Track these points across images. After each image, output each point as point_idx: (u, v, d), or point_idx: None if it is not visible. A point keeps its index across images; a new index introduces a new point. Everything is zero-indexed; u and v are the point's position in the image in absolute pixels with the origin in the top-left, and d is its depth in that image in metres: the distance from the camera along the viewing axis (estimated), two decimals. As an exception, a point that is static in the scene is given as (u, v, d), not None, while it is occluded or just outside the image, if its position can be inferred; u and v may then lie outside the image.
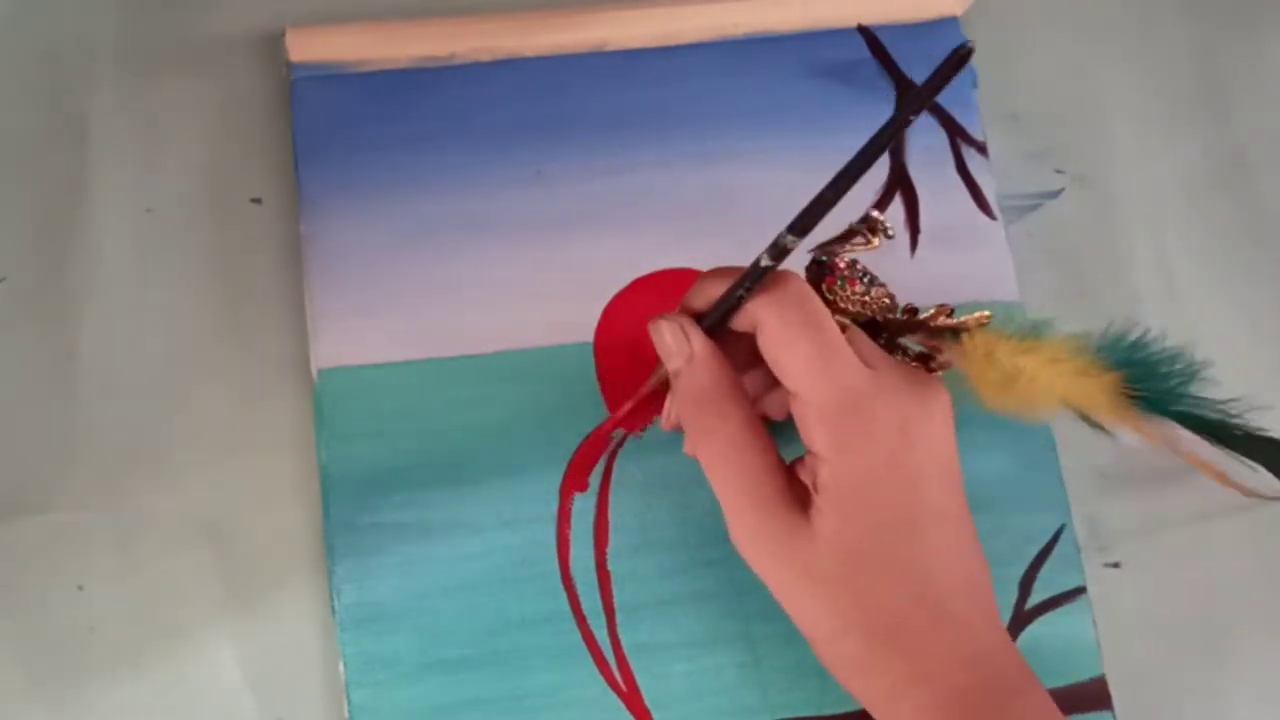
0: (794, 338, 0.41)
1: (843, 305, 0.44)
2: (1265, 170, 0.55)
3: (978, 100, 0.53)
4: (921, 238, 0.52)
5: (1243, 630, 0.50)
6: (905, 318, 0.45)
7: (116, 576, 0.47)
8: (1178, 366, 0.44)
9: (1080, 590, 0.49)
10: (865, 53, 0.53)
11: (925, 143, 0.53)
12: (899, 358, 0.45)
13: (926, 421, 0.42)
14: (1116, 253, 0.53)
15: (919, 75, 0.53)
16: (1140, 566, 0.50)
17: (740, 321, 0.42)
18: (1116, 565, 0.50)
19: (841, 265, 0.44)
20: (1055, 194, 0.54)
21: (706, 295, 0.43)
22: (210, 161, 0.51)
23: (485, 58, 0.52)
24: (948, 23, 0.54)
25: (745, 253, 0.43)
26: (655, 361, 0.47)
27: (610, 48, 0.52)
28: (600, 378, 0.49)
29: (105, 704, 0.46)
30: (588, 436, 0.48)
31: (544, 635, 0.46)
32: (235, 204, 0.50)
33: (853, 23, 0.53)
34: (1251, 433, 0.46)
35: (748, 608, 0.47)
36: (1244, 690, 0.49)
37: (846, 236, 0.44)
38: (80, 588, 0.46)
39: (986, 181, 0.52)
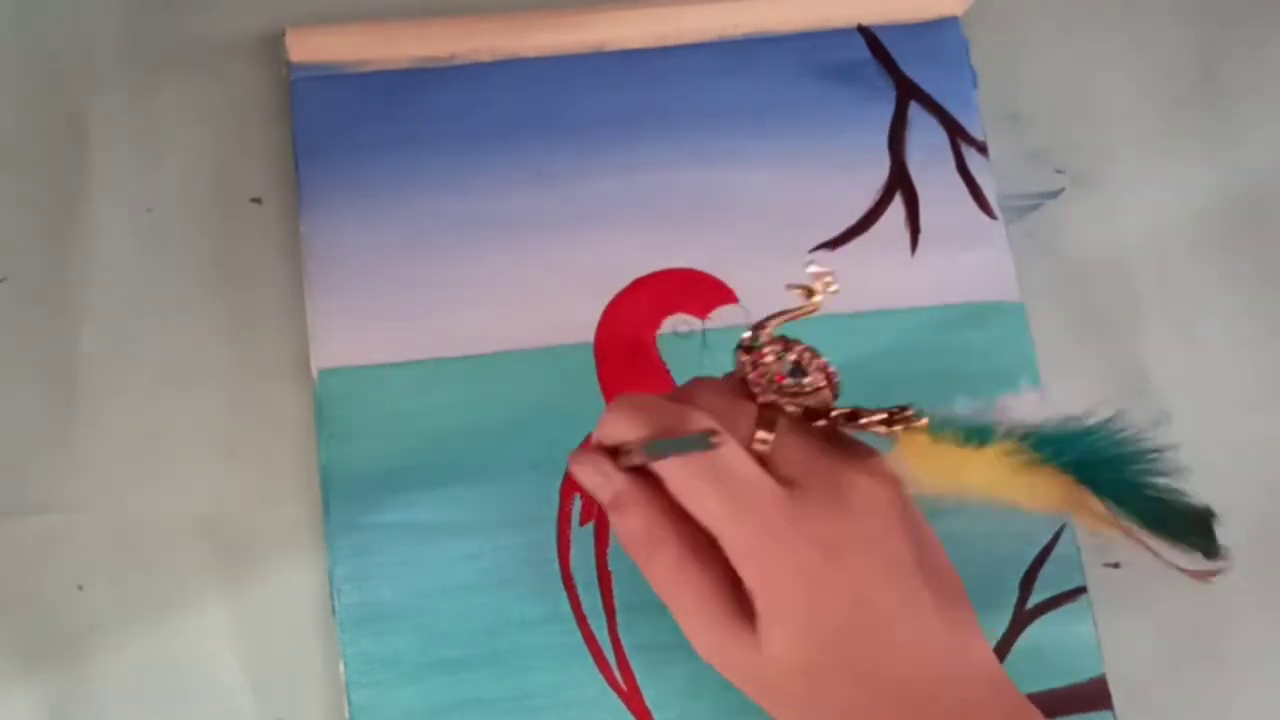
0: (700, 492, 0.40)
1: (773, 400, 0.41)
2: (1265, 170, 0.55)
3: (978, 100, 0.53)
4: (922, 237, 0.52)
5: (1243, 630, 0.50)
6: (841, 417, 0.41)
7: (116, 576, 0.47)
8: (1137, 456, 0.41)
9: (1080, 590, 0.49)
10: (865, 53, 0.53)
11: (926, 142, 0.52)
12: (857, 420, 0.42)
13: (856, 533, 0.40)
14: (1116, 253, 0.53)
15: (919, 75, 0.53)
16: (1140, 566, 0.50)
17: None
18: (1116, 565, 0.50)
19: (766, 354, 0.41)
20: (1055, 194, 0.54)
21: (613, 432, 0.41)
22: (210, 161, 0.51)
23: (485, 58, 0.52)
24: (948, 22, 0.54)
25: (745, 253, 0.43)
26: (655, 363, 0.47)
27: (610, 48, 0.52)
28: (600, 378, 0.49)
29: (105, 704, 0.46)
30: (588, 437, 0.48)
31: (544, 635, 0.46)
32: (235, 204, 0.50)
33: (853, 23, 0.53)
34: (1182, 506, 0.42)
35: (748, 608, 0.47)
36: (1244, 690, 0.49)
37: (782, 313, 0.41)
38: (80, 588, 0.46)
39: (987, 181, 0.52)
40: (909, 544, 0.41)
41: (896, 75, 0.53)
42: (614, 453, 0.42)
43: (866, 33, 0.53)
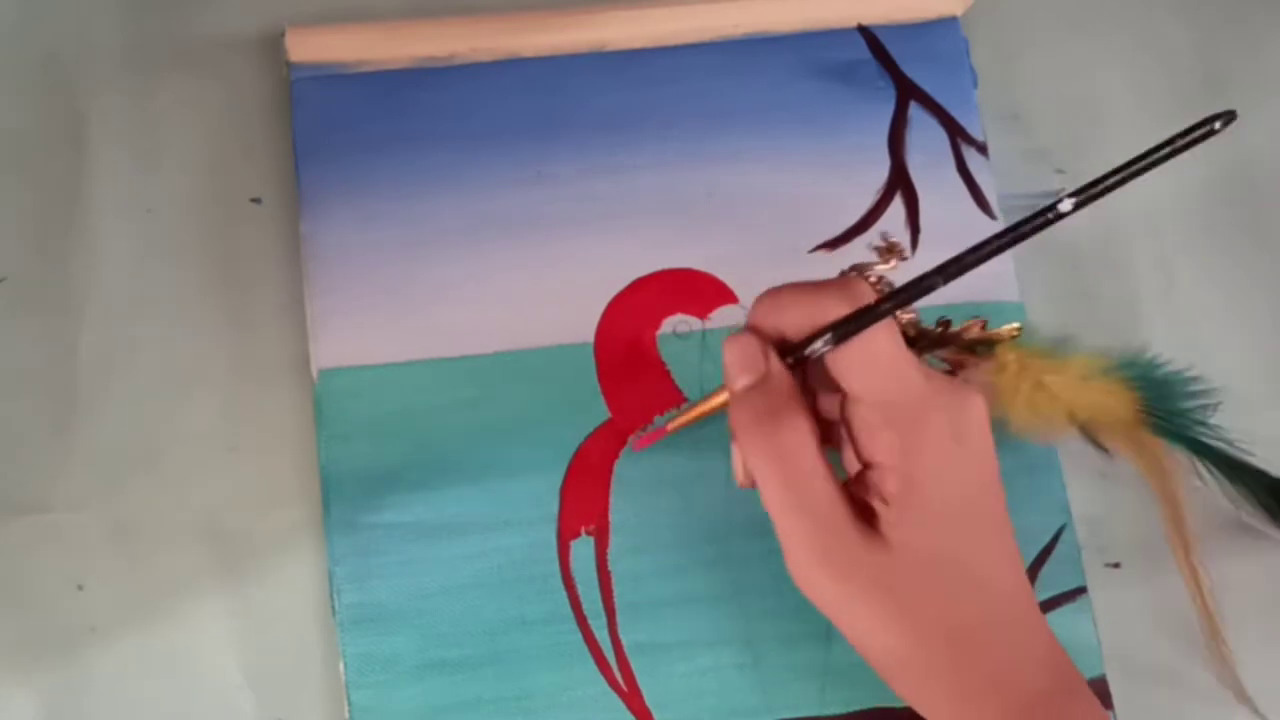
0: (870, 337, 0.40)
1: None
2: (1265, 170, 0.55)
3: (978, 100, 0.53)
4: (922, 238, 0.52)
5: (1243, 630, 0.50)
6: (939, 330, 0.45)
7: (116, 576, 0.47)
8: (1193, 391, 0.46)
9: (1080, 590, 0.49)
10: (865, 53, 0.53)
11: (926, 142, 0.53)
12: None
13: (976, 429, 0.41)
14: (1116, 253, 0.53)
15: (919, 75, 0.53)
16: (1140, 566, 0.50)
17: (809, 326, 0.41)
18: (1116, 565, 0.50)
19: (873, 279, 0.43)
20: (1055, 194, 0.54)
21: (774, 320, 0.41)
22: (210, 161, 0.51)
23: (485, 58, 0.52)
24: (948, 23, 0.54)
25: (745, 253, 0.43)
26: (655, 363, 0.47)
27: (610, 48, 0.52)
28: (600, 378, 0.49)
29: (105, 704, 0.46)
30: (588, 436, 0.48)
31: (544, 635, 0.46)
32: (235, 204, 0.50)
33: (853, 23, 0.53)
34: (1254, 469, 0.47)
35: (748, 608, 0.47)
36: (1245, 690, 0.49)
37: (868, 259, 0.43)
38: (80, 588, 0.46)
39: (987, 181, 0.52)
40: (997, 461, 0.42)
41: (896, 75, 0.53)
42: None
43: (866, 33, 0.53)
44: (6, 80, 0.51)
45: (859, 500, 0.41)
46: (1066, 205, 0.38)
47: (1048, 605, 0.48)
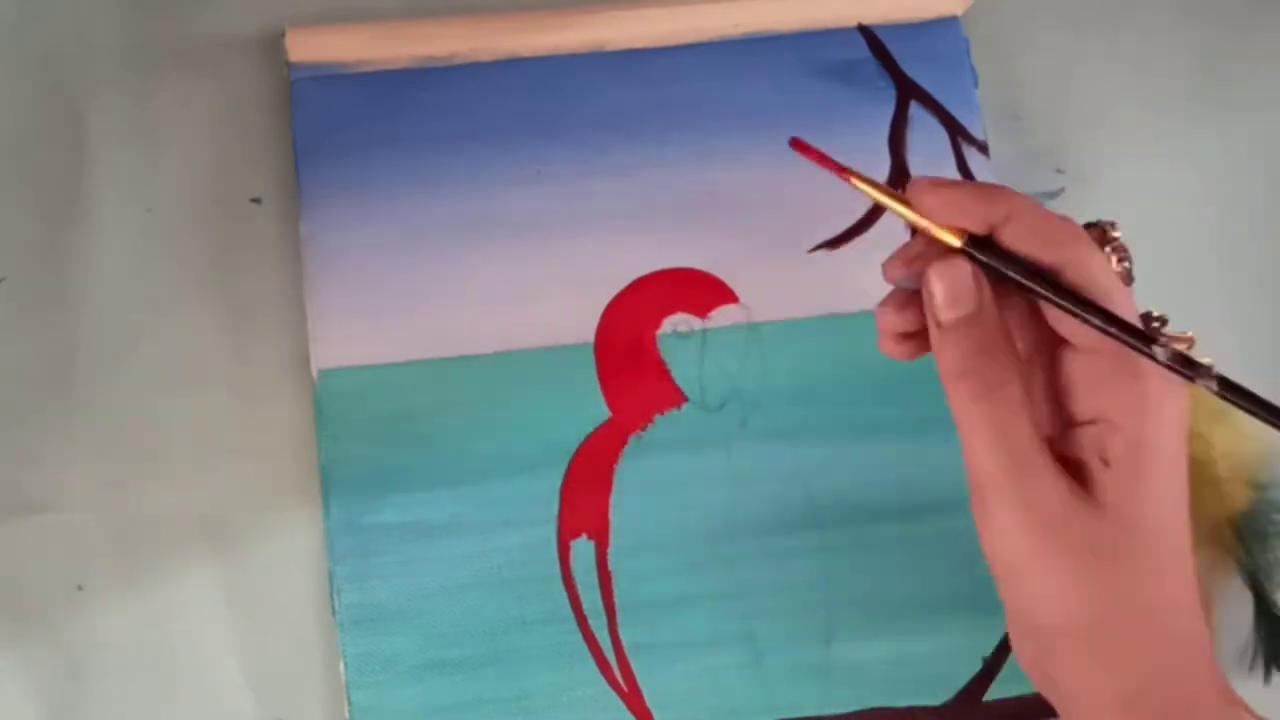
0: (1109, 287, 0.36)
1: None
2: (1265, 169, 0.55)
3: (978, 100, 0.53)
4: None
5: (1243, 629, 0.50)
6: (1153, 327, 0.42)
7: (116, 576, 0.47)
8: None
9: (1081, 590, 0.49)
10: (865, 53, 0.53)
11: (926, 142, 0.52)
12: None
13: (1176, 402, 0.37)
14: (1117, 252, 0.53)
15: (919, 75, 0.53)
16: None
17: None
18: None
19: (1115, 235, 0.40)
20: (1055, 194, 0.54)
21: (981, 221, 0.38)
22: (210, 161, 0.51)
23: (485, 58, 0.52)
24: (948, 22, 0.54)
25: (745, 253, 0.43)
26: (655, 363, 0.48)
27: (609, 48, 0.52)
28: (600, 378, 0.49)
29: (105, 704, 0.46)
30: (588, 436, 0.48)
31: (544, 635, 0.46)
32: (235, 204, 0.50)
33: (853, 23, 0.53)
34: None
35: (748, 608, 0.47)
36: (1244, 690, 0.49)
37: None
38: (80, 588, 0.46)
39: (987, 181, 0.52)
40: None
41: (897, 75, 0.53)
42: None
43: (866, 32, 0.53)
44: (6, 80, 0.51)
45: (1065, 457, 0.38)
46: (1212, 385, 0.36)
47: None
